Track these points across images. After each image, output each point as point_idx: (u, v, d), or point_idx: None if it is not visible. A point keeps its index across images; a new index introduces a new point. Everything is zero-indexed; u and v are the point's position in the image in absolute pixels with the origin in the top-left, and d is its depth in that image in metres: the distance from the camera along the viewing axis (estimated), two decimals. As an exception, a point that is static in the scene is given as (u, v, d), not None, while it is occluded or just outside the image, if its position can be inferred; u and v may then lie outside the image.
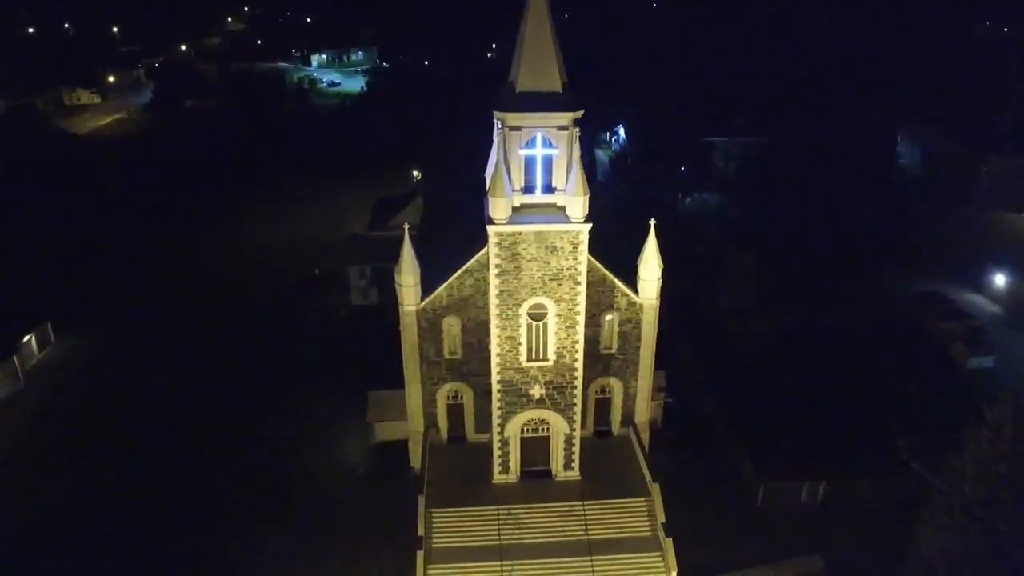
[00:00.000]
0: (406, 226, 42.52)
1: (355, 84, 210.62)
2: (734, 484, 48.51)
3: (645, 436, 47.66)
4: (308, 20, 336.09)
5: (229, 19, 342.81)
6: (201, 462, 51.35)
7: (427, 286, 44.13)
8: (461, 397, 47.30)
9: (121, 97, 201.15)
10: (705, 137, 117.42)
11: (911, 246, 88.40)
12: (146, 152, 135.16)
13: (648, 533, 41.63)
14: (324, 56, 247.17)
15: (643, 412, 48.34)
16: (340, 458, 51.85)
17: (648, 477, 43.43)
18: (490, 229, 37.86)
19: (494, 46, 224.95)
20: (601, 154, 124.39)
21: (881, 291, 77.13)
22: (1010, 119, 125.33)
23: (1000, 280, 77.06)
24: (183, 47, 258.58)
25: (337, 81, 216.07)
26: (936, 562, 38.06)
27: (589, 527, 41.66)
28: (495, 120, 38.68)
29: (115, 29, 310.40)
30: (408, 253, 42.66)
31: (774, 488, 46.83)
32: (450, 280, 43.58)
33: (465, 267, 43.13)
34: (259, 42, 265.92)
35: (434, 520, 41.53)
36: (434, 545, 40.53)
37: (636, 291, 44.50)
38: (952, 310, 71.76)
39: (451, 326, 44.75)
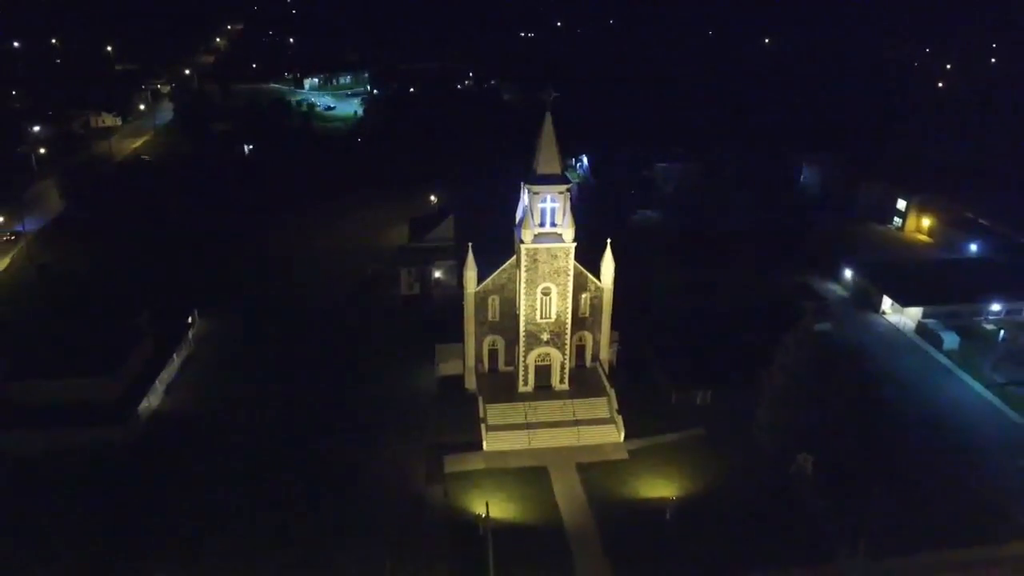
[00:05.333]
0: (470, 244, 73.93)
1: (349, 108, 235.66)
2: (657, 391, 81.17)
3: (606, 366, 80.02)
4: (292, 40, 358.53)
5: (218, 39, 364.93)
6: (320, 395, 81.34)
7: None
8: (496, 344, 78.92)
9: (138, 119, 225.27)
10: (647, 166, 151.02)
11: (800, 249, 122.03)
12: (191, 173, 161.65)
13: (607, 415, 73.94)
14: (316, 80, 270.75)
15: (604, 353, 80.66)
16: (417, 387, 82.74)
17: (607, 385, 75.81)
18: (522, 247, 69.78)
19: (471, 74, 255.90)
20: (570, 178, 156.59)
21: (771, 280, 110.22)
22: (883, 151, 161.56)
23: (848, 274, 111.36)
24: (187, 70, 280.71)
25: (332, 105, 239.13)
26: (762, 429, 70.93)
27: (575, 412, 73.79)
28: (523, 187, 70.45)
29: (108, 48, 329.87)
30: (471, 258, 74.11)
31: (681, 395, 79.55)
32: (493, 275, 75.35)
33: (502, 267, 74.98)
34: (254, 65, 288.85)
35: (488, 410, 73.22)
36: (490, 423, 72.16)
37: (600, 280, 76.61)
38: (811, 293, 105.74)
39: (493, 301, 76.43)
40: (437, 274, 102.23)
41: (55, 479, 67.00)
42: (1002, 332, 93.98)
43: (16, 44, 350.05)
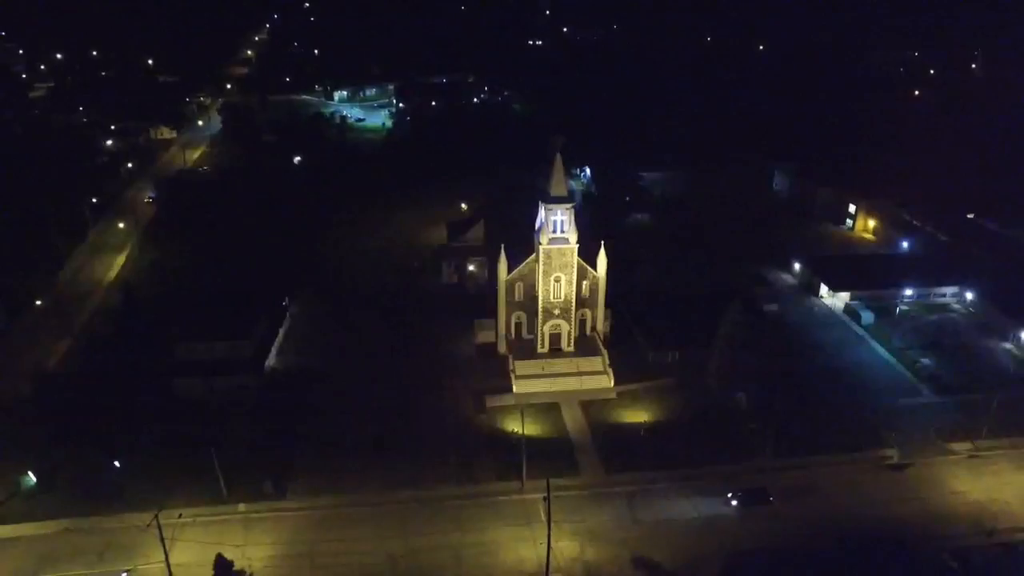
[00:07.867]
0: (502, 245, 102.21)
1: (377, 120, 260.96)
2: (638, 353, 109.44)
3: (601, 334, 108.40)
4: (316, 52, 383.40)
5: (248, 52, 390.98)
6: (389, 355, 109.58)
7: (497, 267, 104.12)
8: (521, 318, 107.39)
9: (190, 131, 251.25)
10: (640, 172, 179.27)
11: (762, 245, 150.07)
12: (250, 182, 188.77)
13: (602, 368, 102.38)
14: (344, 92, 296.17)
15: (600, 325, 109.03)
16: (461, 350, 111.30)
17: (602, 347, 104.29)
18: (540, 248, 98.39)
19: (486, 88, 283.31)
20: (574, 185, 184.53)
21: (735, 271, 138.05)
22: (840, 161, 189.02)
23: (797, 266, 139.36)
24: (228, 84, 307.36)
25: (362, 117, 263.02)
26: (712, 376, 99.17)
27: (579, 366, 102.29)
28: (541, 206, 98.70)
29: (149, 61, 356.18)
30: (503, 255, 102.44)
31: (656, 355, 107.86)
32: (519, 267, 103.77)
33: (526, 261, 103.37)
34: (287, 79, 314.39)
35: (516, 365, 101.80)
36: (518, 373, 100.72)
37: (596, 270, 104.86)
38: (765, 281, 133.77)
39: (519, 286, 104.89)
40: (471, 267, 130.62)
41: (211, 412, 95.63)
42: (898, 308, 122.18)
43: (59, 56, 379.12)
